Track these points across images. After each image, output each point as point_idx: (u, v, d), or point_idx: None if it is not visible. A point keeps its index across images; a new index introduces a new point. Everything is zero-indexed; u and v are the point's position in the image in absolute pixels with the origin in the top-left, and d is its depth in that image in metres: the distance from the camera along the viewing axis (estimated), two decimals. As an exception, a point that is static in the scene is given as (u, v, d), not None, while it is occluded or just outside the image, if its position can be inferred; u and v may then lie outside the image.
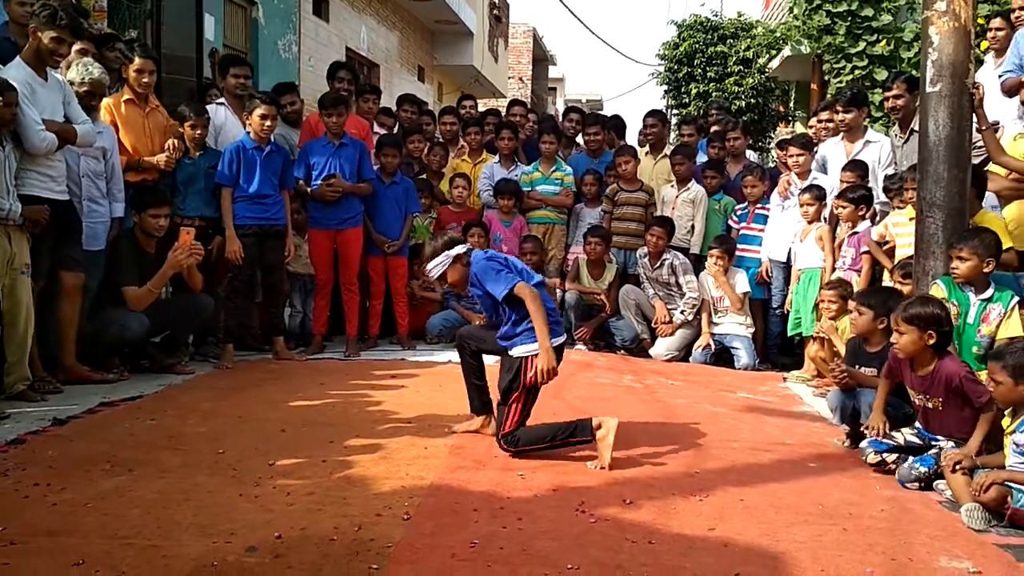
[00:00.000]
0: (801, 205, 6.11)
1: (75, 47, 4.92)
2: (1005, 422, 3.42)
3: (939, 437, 3.72)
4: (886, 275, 5.39)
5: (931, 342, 3.65)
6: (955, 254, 4.12)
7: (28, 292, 4.43)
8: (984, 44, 6.20)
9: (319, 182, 6.10)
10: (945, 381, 3.64)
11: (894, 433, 3.80)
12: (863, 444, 3.89)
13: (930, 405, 3.74)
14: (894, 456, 3.75)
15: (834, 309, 5.40)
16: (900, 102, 5.82)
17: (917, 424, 3.85)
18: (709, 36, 17.41)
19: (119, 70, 5.57)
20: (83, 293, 4.90)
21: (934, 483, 3.56)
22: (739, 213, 6.90)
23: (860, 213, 5.72)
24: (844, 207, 5.74)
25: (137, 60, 5.42)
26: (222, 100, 6.10)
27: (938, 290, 4.21)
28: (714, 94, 16.27)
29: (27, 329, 4.43)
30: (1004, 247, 4.53)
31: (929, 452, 3.67)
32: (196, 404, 4.54)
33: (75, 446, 3.67)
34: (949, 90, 4.30)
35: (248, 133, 5.74)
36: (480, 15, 18.67)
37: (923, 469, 3.58)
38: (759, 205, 6.76)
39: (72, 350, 4.91)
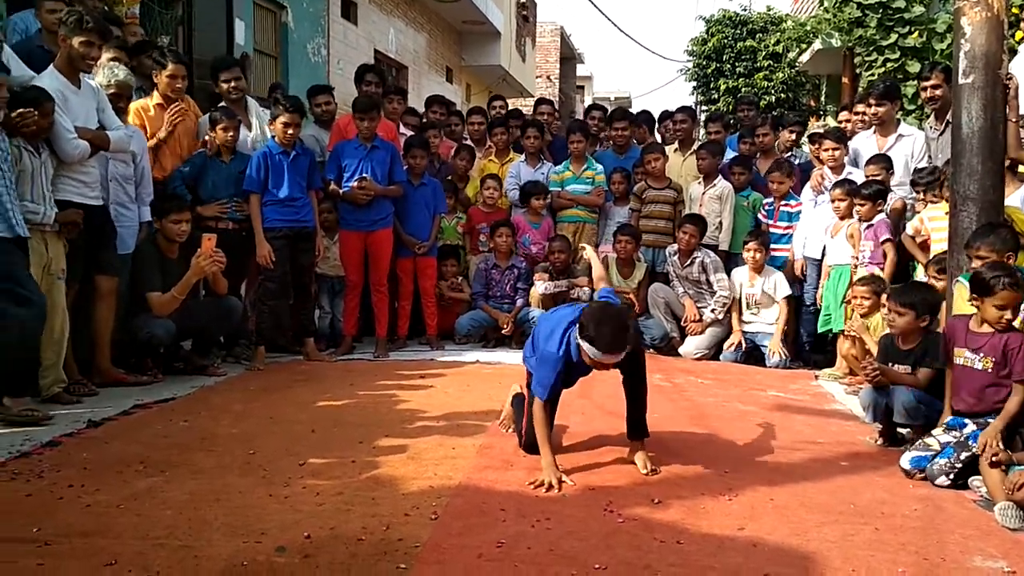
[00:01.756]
0: (832, 200, 6.04)
1: (107, 55, 5.00)
2: None
3: (967, 421, 3.68)
4: (919, 270, 5.31)
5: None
6: (972, 253, 4.03)
7: (63, 297, 4.51)
8: (1019, 35, 6.11)
9: (351, 184, 6.14)
10: (1006, 342, 3.61)
11: (927, 440, 3.73)
12: (903, 459, 3.71)
13: (979, 366, 3.68)
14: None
15: (867, 306, 5.33)
16: (938, 92, 5.72)
17: (947, 420, 3.79)
18: (738, 31, 17.29)
19: (151, 76, 5.66)
20: (117, 297, 4.98)
21: (969, 480, 3.51)
22: (766, 209, 6.84)
23: (878, 208, 5.66)
24: (862, 204, 5.67)
25: (170, 66, 5.51)
26: (222, 105, 6.11)
27: (962, 288, 4.13)
28: (743, 89, 16.15)
29: (63, 333, 4.51)
30: None
31: (952, 438, 3.63)
32: (228, 405, 4.59)
33: (109, 448, 3.72)
34: (982, 82, 4.22)
35: (273, 138, 5.79)
36: (507, 15, 18.68)
37: (943, 461, 3.55)
38: (784, 202, 6.70)
39: (107, 353, 4.99)
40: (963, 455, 3.54)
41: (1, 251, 3.95)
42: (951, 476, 3.52)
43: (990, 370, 3.64)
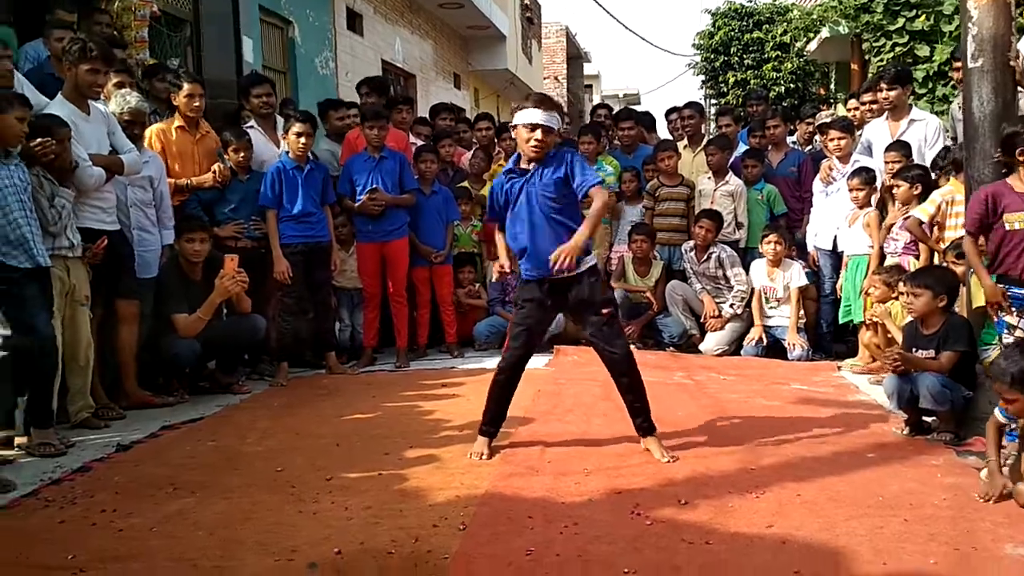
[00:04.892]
0: (851, 190, 5.99)
1: (113, 80, 5.06)
2: None
3: None
4: (935, 258, 5.27)
5: None
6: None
7: (87, 324, 4.56)
8: (1026, 13, 6.04)
9: (362, 197, 6.18)
10: None
11: (1010, 320, 3.83)
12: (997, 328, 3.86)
13: None
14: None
15: (876, 295, 5.31)
16: None
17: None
18: (744, 23, 17.24)
19: (168, 99, 5.72)
20: (140, 320, 5.04)
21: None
22: None
23: (915, 192, 5.56)
24: (900, 185, 5.57)
25: (186, 85, 5.56)
26: (252, 123, 6.18)
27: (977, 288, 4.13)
28: (752, 81, 16.10)
29: (88, 359, 4.56)
30: None
31: None
32: (254, 423, 4.63)
33: (139, 471, 3.77)
34: (991, 65, 4.19)
35: (287, 153, 5.84)
36: (512, 18, 18.69)
37: None
38: None
39: (132, 376, 5.04)
40: None
41: (17, 284, 3.97)
42: None
43: None
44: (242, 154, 5.74)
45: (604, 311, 3.78)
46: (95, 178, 4.59)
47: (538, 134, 3.67)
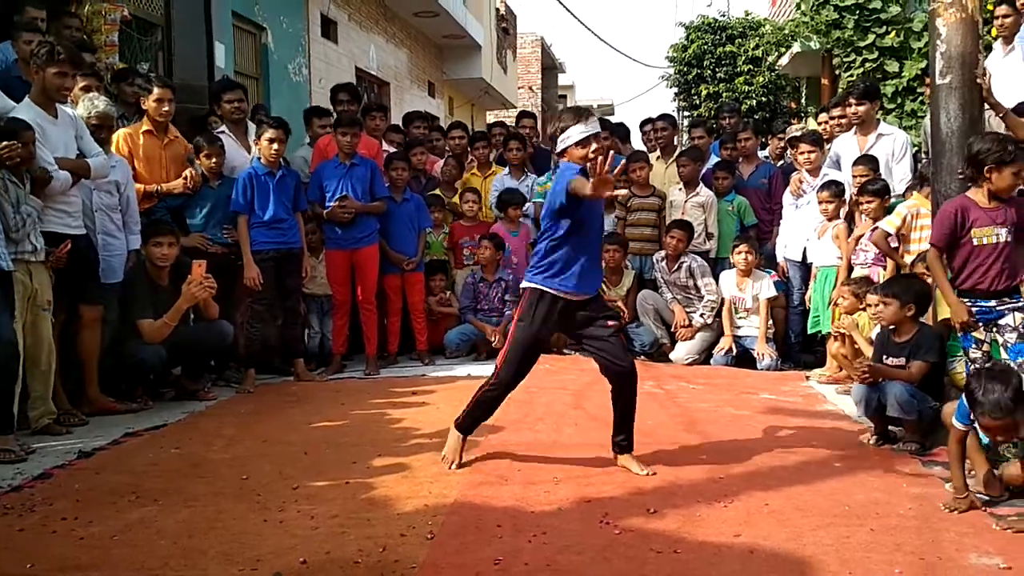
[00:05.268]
0: (820, 203, 6.06)
1: (79, 84, 4.99)
2: None
3: (1006, 305, 3.84)
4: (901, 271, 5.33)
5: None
6: None
7: (49, 329, 4.47)
8: (994, 31, 6.16)
9: (332, 204, 6.14)
10: (1017, 207, 3.87)
11: (977, 335, 3.88)
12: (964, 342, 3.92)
13: (1000, 239, 3.83)
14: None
15: (844, 306, 5.36)
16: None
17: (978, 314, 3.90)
18: (717, 36, 17.43)
19: (137, 103, 5.65)
20: (103, 325, 4.96)
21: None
22: None
23: (885, 206, 5.62)
24: (871, 201, 5.62)
25: (156, 89, 5.51)
26: (223, 128, 6.14)
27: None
28: (724, 94, 16.26)
29: (50, 365, 4.48)
30: None
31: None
32: (219, 430, 4.57)
33: (101, 478, 3.70)
34: (959, 82, 4.26)
35: (259, 159, 5.79)
36: (487, 28, 18.73)
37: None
38: None
39: (95, 381, 4.95)
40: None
41: None
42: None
43: (1011, 240, 3.84)
44: (214, 160, 5.69)
45: (611, 323, 3.81)
46: (61, 182, 4.51)
47: (595, 143, 3.56)
